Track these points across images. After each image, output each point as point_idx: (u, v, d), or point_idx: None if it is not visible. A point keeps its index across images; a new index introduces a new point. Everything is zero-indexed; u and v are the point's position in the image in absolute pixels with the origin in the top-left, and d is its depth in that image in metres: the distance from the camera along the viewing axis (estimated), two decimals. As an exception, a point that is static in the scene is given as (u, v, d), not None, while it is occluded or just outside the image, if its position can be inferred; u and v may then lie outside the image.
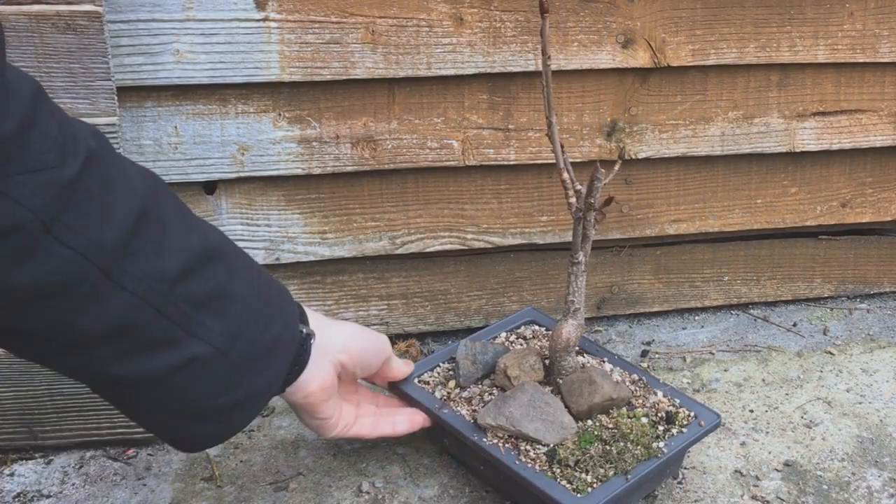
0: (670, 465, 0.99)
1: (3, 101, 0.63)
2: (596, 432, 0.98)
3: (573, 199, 0.96)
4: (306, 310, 0.92)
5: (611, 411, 1.01)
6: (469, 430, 0.99)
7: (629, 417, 1.00)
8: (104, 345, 0.71)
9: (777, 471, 1.10)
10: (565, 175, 0.96)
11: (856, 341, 1.36)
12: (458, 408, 1.03)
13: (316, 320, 0.92)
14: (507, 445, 0.97)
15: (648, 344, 1.35)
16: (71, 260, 0.66)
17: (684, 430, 1.00)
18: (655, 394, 1.05)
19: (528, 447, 0.97)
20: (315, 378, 0.90)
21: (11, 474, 1.08)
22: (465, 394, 1.06)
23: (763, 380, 1.26)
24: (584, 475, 0.94)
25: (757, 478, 1.08)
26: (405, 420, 1.03)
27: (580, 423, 0.99)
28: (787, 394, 1.23)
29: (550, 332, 1.05)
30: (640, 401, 1.04)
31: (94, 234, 0.67)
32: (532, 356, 1.06)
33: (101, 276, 0.68)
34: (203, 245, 0.76)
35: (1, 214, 0.63)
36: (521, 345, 1.14)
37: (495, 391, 1.05)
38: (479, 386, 1.07)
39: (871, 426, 1.17)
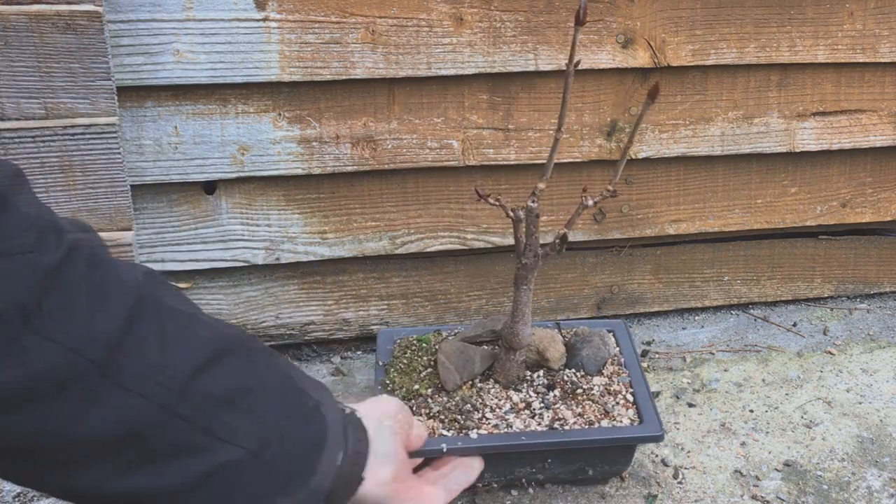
0: None
1: None
2: None
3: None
4: (353, 406, 0.80)
5: None
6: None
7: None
8: (111, 456, 0.61)
9: (777, 471, 1.09)
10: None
11: (856, 341, 1.36)
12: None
13: (358, 403, 0.80)
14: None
15: (648, 344, 1.35)
16: (57, 356, 0.57)
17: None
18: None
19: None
20: (387, 458, 0.77)
21: (11, 474, 1.08)
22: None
23: (763, 380, 1.26)
24: None
25: (757, 478, 1.08)
26: (467, 472, 0.95)
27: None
28: (787, 394, 1.23)
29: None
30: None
31: (82, 327, 0.58)
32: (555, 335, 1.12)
33: (97, 375, 0.59)
34: (215, 336, 0.67)
35: None
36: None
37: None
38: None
39: (871, 426, 1.17)
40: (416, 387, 1.06)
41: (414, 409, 1.02)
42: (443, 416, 1.01)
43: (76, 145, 1.03)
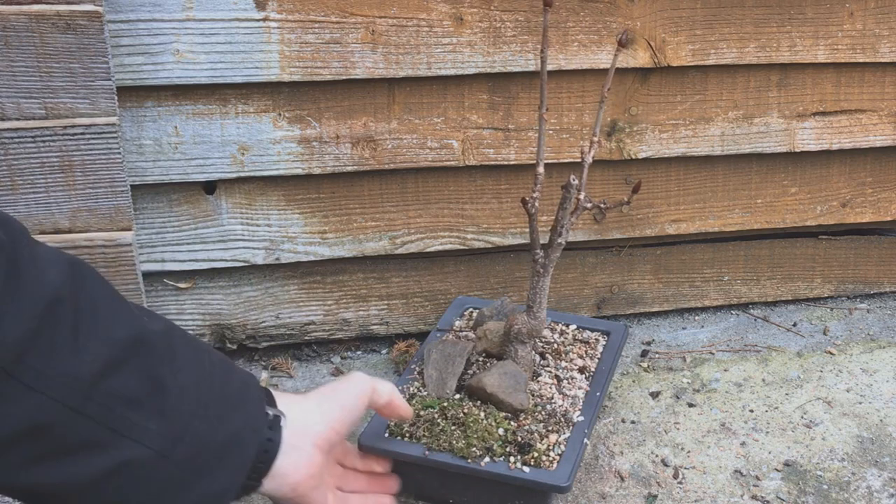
0: None
1: None
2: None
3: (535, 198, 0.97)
4: (274, 393, 0.81)
5: None
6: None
7: None
8: (15, 450, 0.64)
9: (777, 471, 1.09)
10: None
11: (856, 341, 1.36)
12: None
13: (286, 400, 0.81)
14: None
15: (648, 344, 1.35)
16: None
17: None
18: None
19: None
20: (300, 465, 0.79)
21: (11, 474, 1.08)
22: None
23: (763, 380, 1.26)
24: None
25: (757, 478, 1.08)
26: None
27: None
28: (787, 394, 1.23)
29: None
30: None
31: None
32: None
33: (3, 376, 0.61)
34: (134, 335, 0.68)
35: None
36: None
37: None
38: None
39: (871, 426, 1.17)
40: (495, 444, 0.97)
41: (532, 463, 0.96)
42: (553, 429, 1.00)
43: (76, 145, 1.03)
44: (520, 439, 0.97)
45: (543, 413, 1.01)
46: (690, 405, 1.21)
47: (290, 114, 1.16)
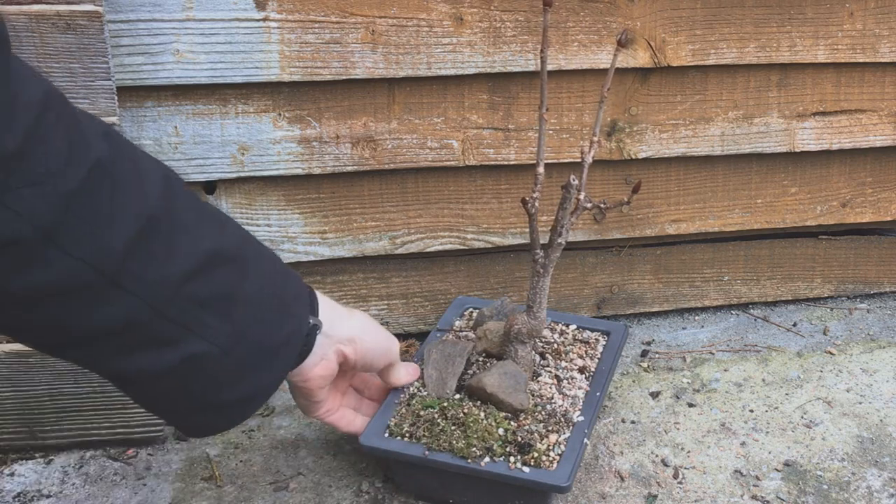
0: None
1: (7, 117, 0.63)
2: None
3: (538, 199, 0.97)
4: (319, 297, 0.92)
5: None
6: None
7: None
8: (104, 343, 0.73)
9: (777, 471, 1.10)
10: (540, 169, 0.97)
11: (856, 341, 1.36)
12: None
13: (329, 310, 0.92)
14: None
15: (648, 344, 1.35)
16: (73, 268, 0.68)
17: None
18: None
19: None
20: (317, 366, 0.92)
21: (11, 474, 1.09)
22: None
23: (763, 380, 1.26)
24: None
25: (757, 478, 1.08)
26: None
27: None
28: (787, 394, 1.23)
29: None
30: None
31: (98, 242, 0.68)
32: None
33: (105, 281, 0.69)
34: (215, 248, 0.77)
35: (0, 226, 0.64)
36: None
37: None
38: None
39: (871, 426, 1.17)
40: (495, 444, 0.97)
41: (532, 463, 0.96)
42: (553, 429, 1.00)
43: (76, 145, 1.03)
44: (520, 439, 0.97)
45: (543, 413, 1.01)
46: (690, 405, 1.21)
47: (290, 114, 1.16)
